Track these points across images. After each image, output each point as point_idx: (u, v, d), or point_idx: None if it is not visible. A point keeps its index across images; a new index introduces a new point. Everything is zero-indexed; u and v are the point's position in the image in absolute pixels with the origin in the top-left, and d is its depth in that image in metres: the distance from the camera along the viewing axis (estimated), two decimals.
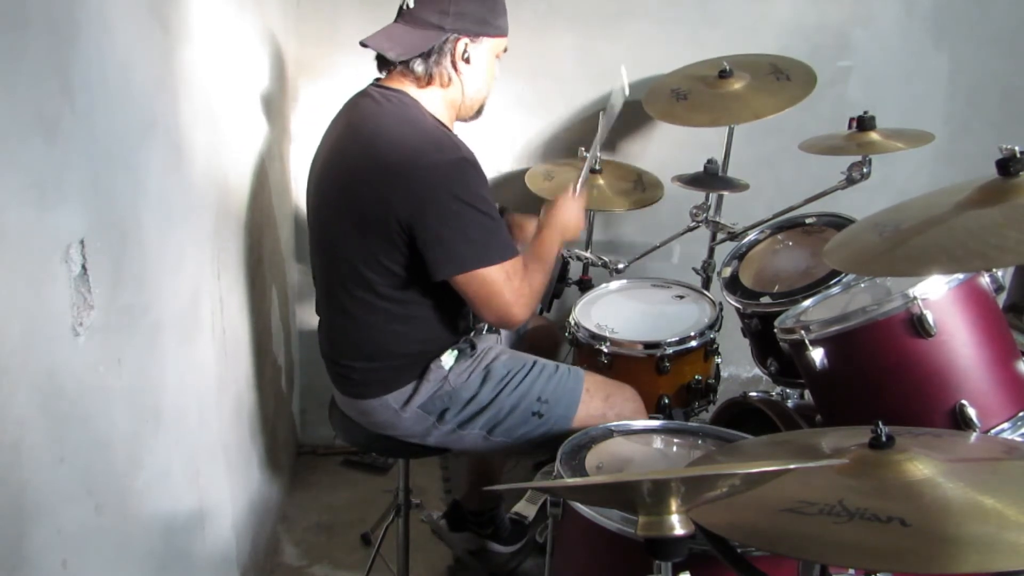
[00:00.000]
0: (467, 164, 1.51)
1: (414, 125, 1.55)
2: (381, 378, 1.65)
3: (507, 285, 1.54)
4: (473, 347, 1.67)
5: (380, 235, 1.51)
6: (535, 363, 1.71)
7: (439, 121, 1.61)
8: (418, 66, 1.58)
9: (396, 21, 1.62)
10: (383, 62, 1.64)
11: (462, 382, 1.65)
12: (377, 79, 1.67)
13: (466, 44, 1.59)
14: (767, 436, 1.34)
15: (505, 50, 1.69)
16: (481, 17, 1.59)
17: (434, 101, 1.62)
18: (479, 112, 1.73)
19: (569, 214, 1.76)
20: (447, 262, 1.51)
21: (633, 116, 2.51)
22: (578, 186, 1.80)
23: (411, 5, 1.58)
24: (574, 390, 1.69)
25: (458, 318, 1.67)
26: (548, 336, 2.09)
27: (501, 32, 1.64)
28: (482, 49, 1.62)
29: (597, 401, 1.70)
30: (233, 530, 1.75)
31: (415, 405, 1.64)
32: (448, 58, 1.59)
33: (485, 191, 1.53)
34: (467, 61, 1.60)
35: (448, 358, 1.64)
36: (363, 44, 1.60)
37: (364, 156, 1.54)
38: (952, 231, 1.14)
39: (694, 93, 2.18)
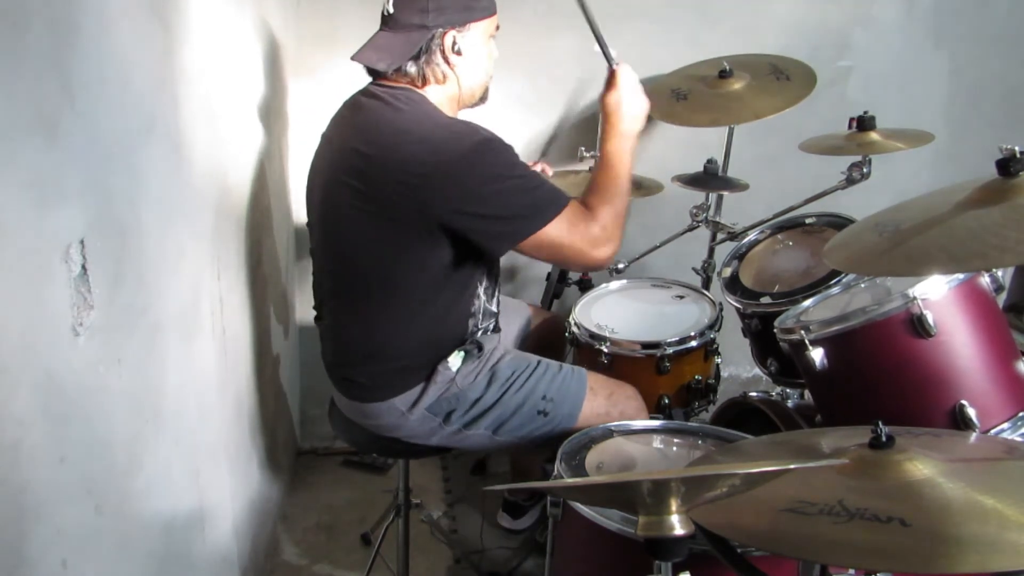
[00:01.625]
0: (487, 143, 1.50)
1: (430, 121, 1.54)
2: (388, 381, 1.64)
3: (572, 234, 1.53)
4: (480, 348, 1.66)
5: (418, 235, 1.50)
6: (539, 363, 1.71)
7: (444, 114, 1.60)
8: (411, 68, 1.57)
9: (380, 29, 1.60)
10: (372, 71, 1.62)
11: (469, 383, 1.64)
12: (377, 78, 1.65)
13: (454, 36, 1.57)
14: (767, 436, 1.34)
15: (498, 27, 1.64)
16: (463, 4, 1.56)
17: (436, 97, 1.61)
18: (483, 98, 1.71)
19: (626, 89, 1.68)
20: (501, 240, 1.52)
21: None
22: (611, 60, 1.73)
23: (391, 11, 1.56)
24: (579, 389, 1.69)
25: (468, 316, 1.66)
26: (555, 329, 2.09)
27: (488, 12, 1.60)
28: (473, 36, 1.59)
29: (601, 399, 1.70)
30: (233, 530, 1.75)
31: (422, 407, 1.63)
32: (439, 55, 1.57)
33: (513, 158, 1.52)
34: (459, 53, 1.58)
35: (455, 360, 1.63)
36: (353, 59, 1.59)
37: (388, 160, 1.50)
38: (952, 231, 1.14)
39: (694, 93, 2.18)
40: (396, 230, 1.52)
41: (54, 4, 0.97)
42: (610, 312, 2.06)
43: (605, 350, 1.90)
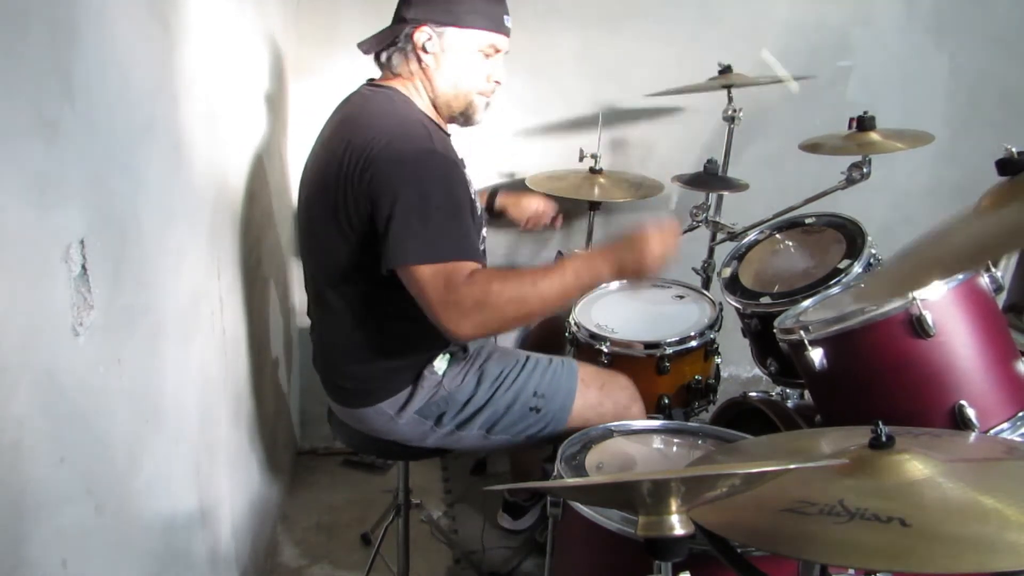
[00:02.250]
0: (430, 155, 1.46)
1: (397, 118, 1.54)
2: (374, 386, 1.64)
3: (435, 290, 1.39)
4: (465, 350, 1.66)
5: (356, 229, 1.50)
6: (528, 358, 1.70)
7: (428, 117, 1.60)
8: (383, 56, 1.61)
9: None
10: (378, 66, 1.66)
11: (456, 385, 1.64)
12: (371, 79, 1.68)
13: (429, 33, 1.57)
14: (767, 436, 1.34)
15: (497, 50, 1.63)
16: (444, 7, 1.57)
17: (417, 96, 1.62)
18: (465, 116, 1.66)
19: (653, 246, 1.46)
20: (388, 253, 1.43)
21: (633, 117, 2.52)
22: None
23: (397, 3, 1.62)
24: (569, 382, 1.68)
25: None
26: (555, 330, 2.09)
27: (477, 25, 1.58)
28: (450, 41, 1.58)
29: (593, 390, 1.69)
30: (233, 530, 1.75)
31: (411, 411, 1.63)
32: (410, 48, 1.59)
33: (448, 184, 1.45)
34: (425, 51, 1.58)
35: (441, 363, 1.63)
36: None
37: (344, 151, 1.51)
38: (960, 235, 1.14)
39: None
40: (342, 223, 1.52)
41: (54, 4, 0.97)
42: (610, 312, 2.06)
43: (605, 350, 1.90)
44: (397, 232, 1.41)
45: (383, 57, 1.61)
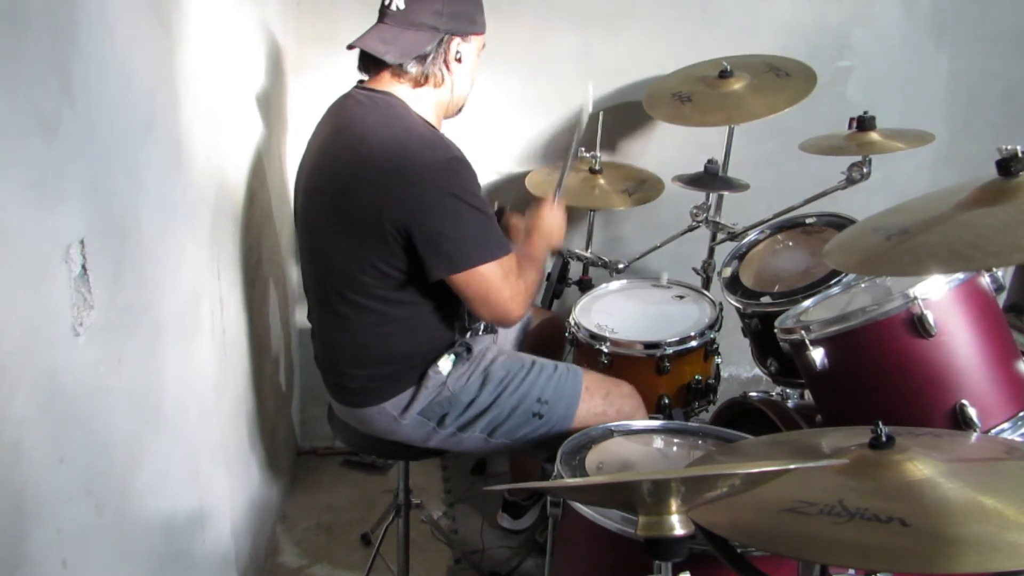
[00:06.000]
0: (458, 162, 1.51)
1: (402, 125, 1.55)
2: (377, 386, 1.64)
3: (505, 282, 1.54)
4: (469, 350, 1.66)
5: (375, 238, 1.50)
6: (534, 363, 1.70)
7: (426, 121, 1.60)
8: (412, 67, 1.58)
9: (383, 22, 1.60)
10: (366, 65, 1.63)
11: (461, 386, 1.64)
12: (361, 81, 1.66)
13: (458, 43, 1.60)
14: (767, 436, 1.34)
15: (484, 46, 1.70)
16: (470, 16, 1.62)
17: (422, 102, 1.61)
18: (460, 109, 1.74)
19: (552, 223, 1.76)
20: (445, 261, 1.50)
21: (634, 117, 2.52)
22: (556, 196, 1.78)
23: (401, 6, 1.57)
24: (574, 389, 1.68)
25: (454, 318, 1.66)
26: (555, 328, 2.09)
27: (483, 29, 1.67)
28: (471, 47, 1.64)
29: (597, 399, 1.70)
30: (233, 530, 1.75)
31: (414, 412, 1.63)
32: (442, 58, 1.60)
33: (477, 188, 1.53)
34: (459, 60, 1.62)
35: (445, 363, 1.63)
36: (351, 47, 1.59)
37: (354, 159, 1.52)
38: (957, 228, 1.14)
39: (697, 95, 2.18)
40: (356, 230, 1.52)
41: (54, 4, 0.97)
42: (610, 312, 2.06)
43: (605, 350, 1.90)
44: (454, 239, 1.49)
45: (410, 66, 1.57)
